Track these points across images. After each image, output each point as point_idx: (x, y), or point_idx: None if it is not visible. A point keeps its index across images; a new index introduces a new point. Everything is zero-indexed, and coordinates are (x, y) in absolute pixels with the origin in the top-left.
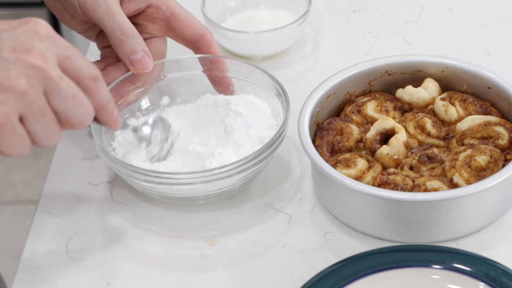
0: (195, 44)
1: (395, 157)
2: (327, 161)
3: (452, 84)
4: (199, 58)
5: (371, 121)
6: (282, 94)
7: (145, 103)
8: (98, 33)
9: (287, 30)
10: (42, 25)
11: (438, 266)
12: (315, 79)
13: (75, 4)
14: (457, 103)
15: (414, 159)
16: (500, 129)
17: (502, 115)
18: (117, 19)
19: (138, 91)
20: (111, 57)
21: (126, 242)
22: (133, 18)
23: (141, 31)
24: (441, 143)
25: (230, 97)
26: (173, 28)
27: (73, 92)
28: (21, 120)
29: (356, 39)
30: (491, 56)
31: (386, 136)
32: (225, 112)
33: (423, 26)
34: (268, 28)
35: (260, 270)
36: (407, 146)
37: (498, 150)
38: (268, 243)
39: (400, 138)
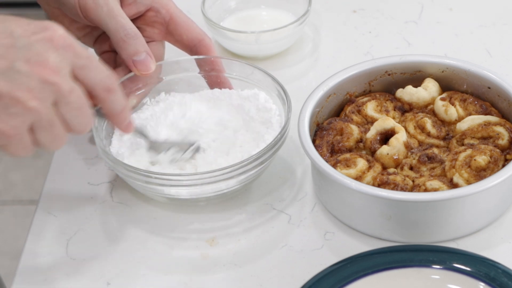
0: (193, 49)
1: (395, 157)
2: (327, 161)
3: (452, 84)
4: (197, 60)
5: (371, 121)
6: (283, 95)
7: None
8: (96, 38)
9: (287, 30)
10: (58, 34)
11: (438, 266)
12: (315, 79)
13: (76, 6)
14: (457, 103)
15: (414, 159)
16: (500, 129)
17: (502, 115)
18: (119, 20)
19: (138, 93)
20: (110, 62)
21: (126, 242)
22: (133, 22)
23: None
24: (441, 143)
25: (233, 91)
26: (171, 32)
27: (79, 104)
28: (30, 129)
29: (356, 39)
30: (491, 56)
31: (386, 136)
32: (227, 107)
33: (423, 26)
34: (268, 28)
35: (260, 270)
36: (407, 146)
37: (498, 150)
38: (268, 243)
39: (400, 138)
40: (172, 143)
